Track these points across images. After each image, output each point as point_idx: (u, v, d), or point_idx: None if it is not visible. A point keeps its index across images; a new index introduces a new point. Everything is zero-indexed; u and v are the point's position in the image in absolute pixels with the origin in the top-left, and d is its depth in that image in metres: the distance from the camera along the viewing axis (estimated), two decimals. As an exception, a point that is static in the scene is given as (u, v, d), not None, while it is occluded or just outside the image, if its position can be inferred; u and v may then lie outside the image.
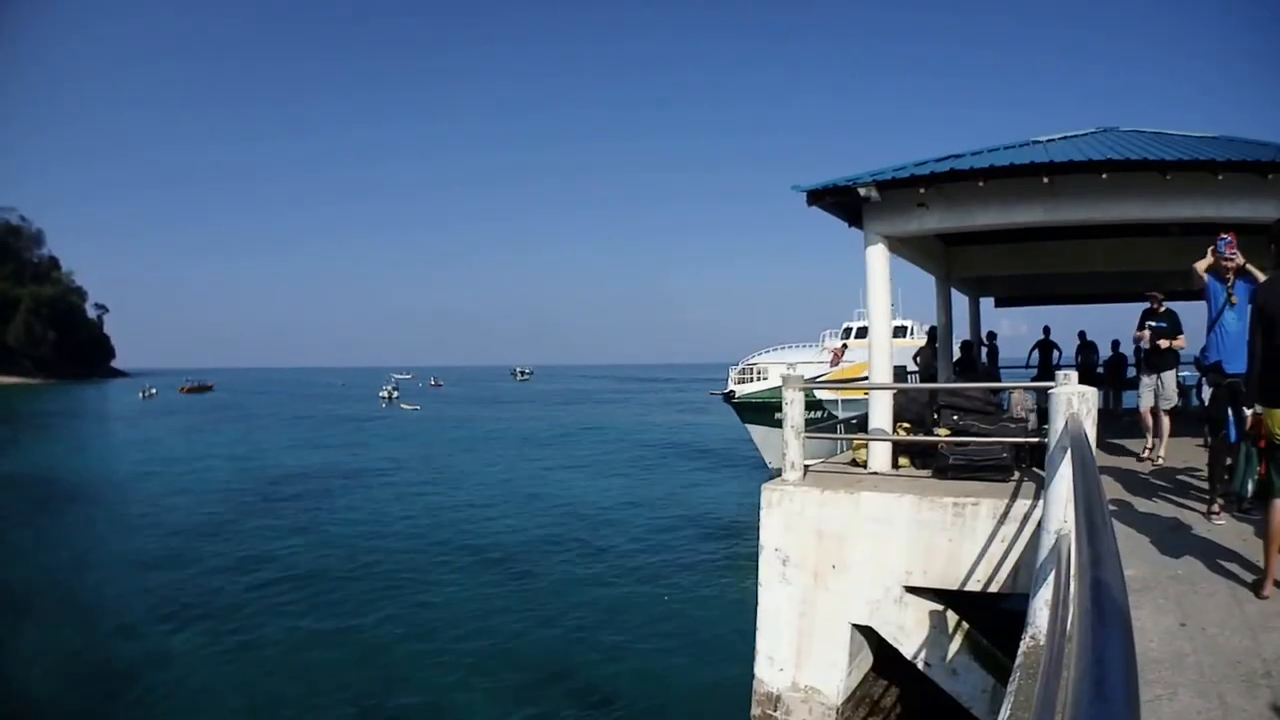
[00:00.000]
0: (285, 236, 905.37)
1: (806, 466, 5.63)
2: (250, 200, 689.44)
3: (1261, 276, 4.34)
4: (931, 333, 10.69)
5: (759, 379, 22.28)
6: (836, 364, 21.59)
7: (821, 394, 19.32)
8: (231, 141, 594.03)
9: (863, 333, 23.23)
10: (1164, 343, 6.57)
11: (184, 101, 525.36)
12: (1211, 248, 4.77)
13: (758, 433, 21.66)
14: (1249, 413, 3.59)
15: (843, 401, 19.31)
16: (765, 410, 20.46)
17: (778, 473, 5.65)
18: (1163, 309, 6.65)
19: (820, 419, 17.85)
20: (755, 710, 5.30)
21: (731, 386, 22.48)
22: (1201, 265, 4.87)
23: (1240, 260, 4.69)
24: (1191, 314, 8.30)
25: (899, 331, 21.78)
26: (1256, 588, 3.37)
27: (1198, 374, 5.37)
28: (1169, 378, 6.70)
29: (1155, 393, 6.67)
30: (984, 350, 12.03)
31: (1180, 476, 5.80)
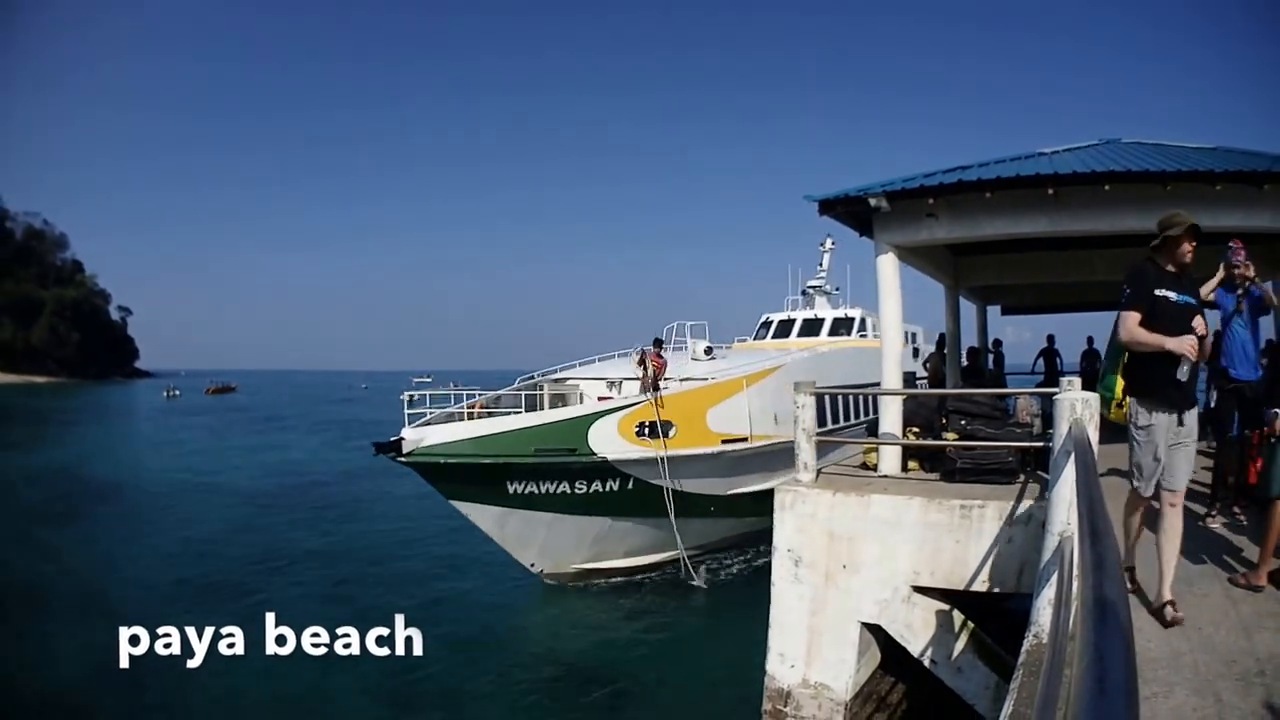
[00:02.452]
0: (310, 239, 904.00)
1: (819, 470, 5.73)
2: (277, 202, 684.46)
3: (1261, 282, 4.47)
4: (940, 340, 10.96)
5: (560, 404, 11.93)
6: (655, 386, 10.91)
7: (602, 447, 10.37)
8: (260, 143, 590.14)
9: (783, 328, 16.65)
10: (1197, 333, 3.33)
11: (212, 101, 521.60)
12: (1222, 261, 4.51)
13: (486, 517, 10.63)
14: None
15: (667, 459, 10.54)
16: (488, 479, 10.16)
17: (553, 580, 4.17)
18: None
19: (610, 495, 10.67)
20: (766, 705, 5.44)
21: (404, 433, 9.94)
22: (1211, 285, 4.47)
23: (1251, 270, 4.51)
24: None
25: (840, 326, 16.37)
26: (1250, 575, 3.54)
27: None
28: (1193, 421, 3.45)
29: (1163, 460, 3.42)
30: (990, 357, 12.22)
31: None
